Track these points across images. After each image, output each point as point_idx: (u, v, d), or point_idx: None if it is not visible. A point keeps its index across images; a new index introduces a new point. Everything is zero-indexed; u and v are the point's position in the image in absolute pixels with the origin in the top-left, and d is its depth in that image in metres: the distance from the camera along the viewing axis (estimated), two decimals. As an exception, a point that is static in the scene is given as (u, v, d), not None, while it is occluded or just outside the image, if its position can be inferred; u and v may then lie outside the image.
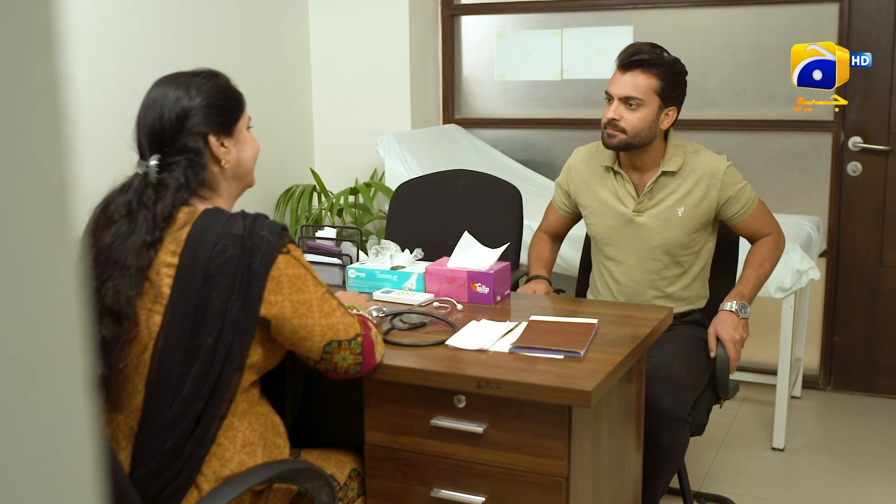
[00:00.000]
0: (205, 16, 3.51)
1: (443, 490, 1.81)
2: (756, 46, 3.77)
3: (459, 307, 2.19)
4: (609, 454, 1.95)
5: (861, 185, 3.70)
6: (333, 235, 2.61)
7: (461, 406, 1.77)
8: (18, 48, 0.41)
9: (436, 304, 2.22)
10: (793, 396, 3.65)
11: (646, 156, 2.47)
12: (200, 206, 1.66)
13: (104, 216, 1.65)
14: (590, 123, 3.97)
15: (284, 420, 1.77)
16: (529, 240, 3.24)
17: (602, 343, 1.90)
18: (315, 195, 3.96)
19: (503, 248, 2.30)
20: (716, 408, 2.53)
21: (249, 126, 1.78)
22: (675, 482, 2.62)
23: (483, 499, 1.77)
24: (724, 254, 2.66)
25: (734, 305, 2.40)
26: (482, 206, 2.90)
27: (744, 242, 2.62)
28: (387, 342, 1.88)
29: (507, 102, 4.28)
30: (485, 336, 1.92)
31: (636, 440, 2.14)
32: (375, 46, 4.08)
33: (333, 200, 3.80)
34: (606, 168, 2.53)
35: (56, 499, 0.45)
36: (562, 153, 3.96)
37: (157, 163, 1.65)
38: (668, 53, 2.44)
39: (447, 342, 1.90)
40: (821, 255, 3.68)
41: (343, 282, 2.41)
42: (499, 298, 2.24)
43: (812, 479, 3.06)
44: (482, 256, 2.27)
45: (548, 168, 4.16)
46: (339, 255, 2.44)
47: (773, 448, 3.28)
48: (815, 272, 3.14)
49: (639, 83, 2.39)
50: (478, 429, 1.75)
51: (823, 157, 3.74)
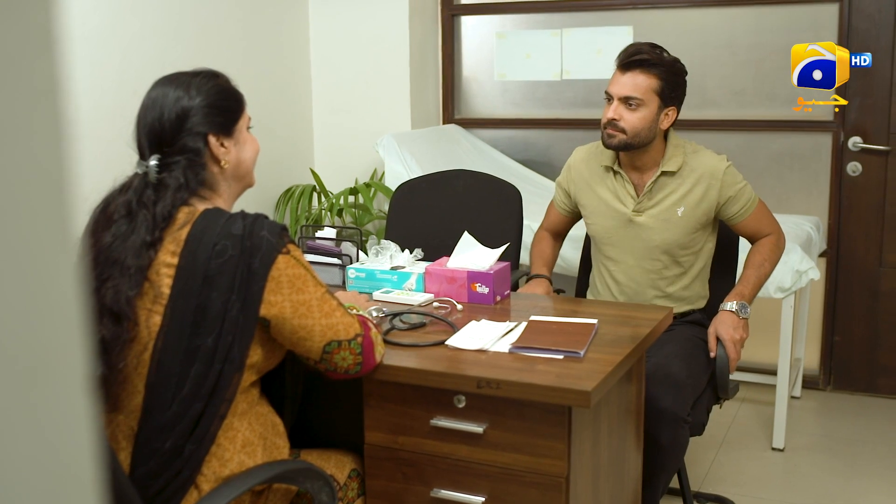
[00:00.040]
0: (205, 16, 3.51)
1: (443, 490, 1.81)
2: (756, 46, 3.77)
3: (459, 307, 2.19)
4: (609, 454, 1.95)
5: (861, 186, 3.70)
6: (333, 235, 2.61)
7: (461, 406, 1.77)
8: (18, 48, 0.41)
9: (436, 305, 2.22)
10: (793, 396, 3.65)
11: (645, 156, 2.47)
12: (200, 207, 1.66)
13: (104, 216, 1.65)
14: (590, 123, 3.97)
15: (284, 420, 1.77)
16: (529, 240, 3.24)
17: (602, 343, 1.90)
18: (315, 195, 3.96)
19: (503, 249, 2.30)
20: (715, 408, 2.53)
21: (249, 126, 1.78)
22: (675, 482, 2.62)
23: (483, 499, 1.77)
24: (724, 254, 2.66)
25: (734, 305, 2.40)
26: (482, 207, 2.90)
27: (744, 242, 2.62)
28: (387, 342, 1.88)
29: (507, 102, 4.28)
30: (485, 336, 1.92)
31: (636, 440, 2.14)
32: (375, 46, 4.08)
33: (333, 200, 3.80)
34: (606, 168, 2.53)
35: (56, 499, 0.45)
36: (562, 153, 3.96)
37: (157, 163, 1.65)
38: (668, 53, 2.44)
39: (447, 342, 1.90)
40: (821, 256, 3.68)
41: (343, 282, 2.41)
42: (499, 298, 2.24)
43: (812, 480, 3.06)
44: (482, 256, 2.27)
45: (548, 168, 4.15)
46: (339, 256, 2.44)
47: (773, 448, 3.28)
48: (815, 272, 3.14)
49: (639, 83, 2.39)
50: (477, 429, 1.75)
51: (823, 158, 3.74)
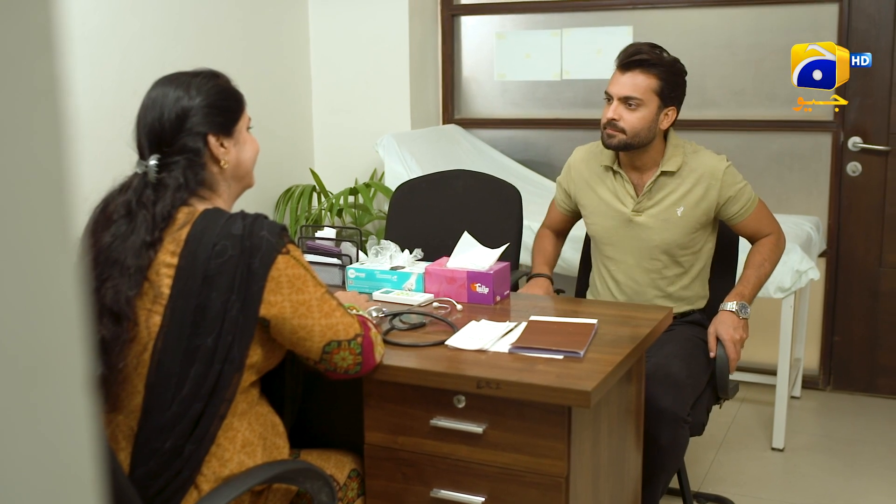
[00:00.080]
0: (204, 16, 3.51)
1: (442, 490, 1.81)
2: (756, 47, 3.77)
3: (459, 307, 2.19)
4: (609, 454, 1.95)
5: (861, 186, 3.70)
6: (333, 236, 2.61)
7: (461, 406, 1.77)
8: (18, 48, 0.41)
9: (435, 305, 2.22)
10: (792, 396, 3.65)
11: (645, 156, 2.47)
12: (200, 207, 1.66)
13: (104, 216, 1.65)
14: (589, 124, 3.97)
15: (284, 420, 1.77)
16: (529, 240, 3.24)
17: (602, 343, 1.90)
18: (315, 195, 3.96)
19: (503, 249, 2.30)
20: (715, 408, 2.53)
21: (249, 127, 1.78)
22: (675, 482, 2.62)
23: (483, 499, 1.77)
24: (724, 254, 2.66)
25: (734, 306, 2.40)
26: (482, 207, 2.90)
27: (744, 242, 2.62)
28: (386, 342, 1.88)
29: (507, 103, 4.28)
30: (484, 336, 1.92)
31: (636, 440, 2.14)
32: (375, 46, 4.08)
33: (333, 201, 3.80)
34: (606, 168, 2.53)
35: (56, 499, 0.45)
36: (561, 153, 3.96)
37: (157, 162, 1.65)
38: (668, 53, 2.44)
39: (447, 342, 1.90)
40: (820, 256, 3.68)
41: (343, 282, 2.41)
42: (498, 299, 2.24)
43: (812, 480, 3.06)
44: (482, 257, 2.27)
45: (547, 168, 4.16)
46: (339, 256, 2.44)
47: (773, 448, 3.28)
48: (815, 272, 3.14)
49: (638, 83, 2.39)
50: (477, 429, 1.75)
51: (823, 158, 3.74)
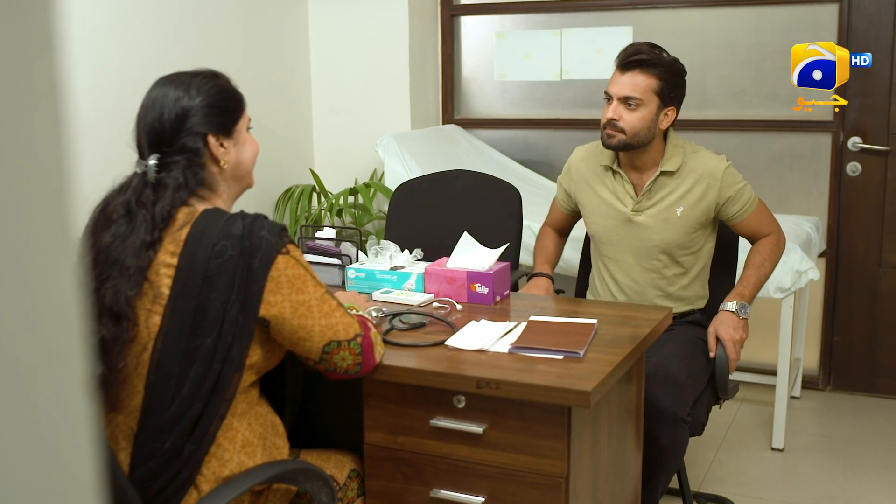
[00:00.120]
0: (204, 16, 3.51)
1: (442, 490, 1.81)
2: (756, 46, 3.77)
3: (459, 307, 2.19)
4: (608, 454, 1.95)
5: (860, 186, 3.70)
6: (333, 236, 2.61)
7: (461, 406, 1.77)
8: (18, 48, 0.41)
9: (435, 305, 2.22)
10: (792, 397, 3.65)
11: (645, 156, 2.47)
12: (200, 207, 1.66)
13: (103, 216, 1.65)
14: (589, 124, 3.97)
15: (284, 420, 1.77)
16: (529, 240, 3.24)
17: (601, 343, 1.90)
18: (314, 195, 3.96)
19: (503, 249, 2.30)
20: (715, 408, 2.53)
21: (249, 127, 1.78)
22: (675, 482, 2.62)
23: (482, 499, 1.77)
24: (724, 254, 2.66)
25: (734, 306, 2.40)
26: (482, 207, 2.90)
27: (744, 242, 2.62)
28: (386, 342, 1.88)
29: (507, 103, 4.28)
30: (484, 336, 1.92)
31: (636, 440, 2.14)
32: (375, 47, 4.08)
33: (333, 201, 3.80)
34: (606, 167, 2.53)
35: (56, 499, 0.45)
36: (561, 153, 3.96)
37: (156, 162, 1.65)
38: (668, 53, 2.44)
39: (447, 342, 1.90)
40: (820, 256, 3.68)
41: (342, 282, 2.41)
42: (498, 299, 2.24)
43: (811, 480, 3.06)
44: (482, 257, 2.27)
45: (547, 168, 4.16)
46: (339, 256, 2.44)
47: (773, 448, 3.28)
48: (815, 272, 3.14)
49: (638, 83, 2.39)
50: (477, 429, 1.75)
51: (823, 158, 3.74)
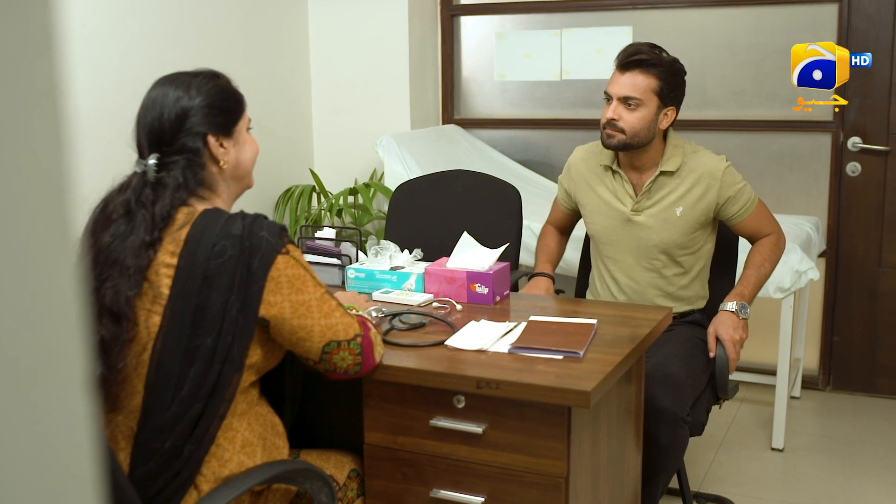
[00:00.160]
0: (204, 17, 3.51)
1: (442, 490, 1.81)
2: (756, 46, 3.77)
3: (459, 307, 2.19)
4: (608, 454, 1.95)
5: (860, 186, 3.70)
6: (333, 236, 2.61)
7: (460, 406, 1.77)
8: (18, 48, 0.41)
9: (435, 305, 2.22)
10: (792, 397, 3.65)
11: (644, 155, 2.47)
12: (199, 207, 1.66)
13: (103, 216, 1.65)
14: (589, 124, 3.97)
15: (284, 420, 1.77)
16: (529, 240, 3.25)
17: (601, 343, 1.90)
18: (314, 195, 3.96)
19: (502, 249, 2.30)
20: (715, 408, 2.53)
21: (249, 127, 1.78)
22: (675, 482, 2.62)
23: (482, 499, 1.77)
24: (724, 254, 2.66)
25: (734, 306, 2.40)
26: (481, 207, 2.90)
27: (744, 242, 2.62)
28: (386, 342, 1.88)
29: (507, 103, 4.28)
30: (484, 336, 1.92)
31: (635, 440, 2.14)
32: (375, 47, 4.08)
33: (333, 201, 3.80)
34: (605, 167, 2.53)
35: (56, 499, 0.45)
36: (561, 153, 3.97)
37: (156, 162, 1.65)
38: (667, 53, 2.44)
39: (446, 342, 1.90)
40: (820, 256, 3.68)
41: (342, 282, 2.41)
42: (498, 299, 2.24)
43: (811, 480, 3.06)
44: (481, 257, 2.28)
45: (547, 168, 4.16)
46: (339, 256, 2.44)
47: (773, 448, 3.28)
48: (815, 272, 3.14)
49: (637, 83, 2.39)
50: (477, 429, 1.75)
51: (823, 158, 3.74)
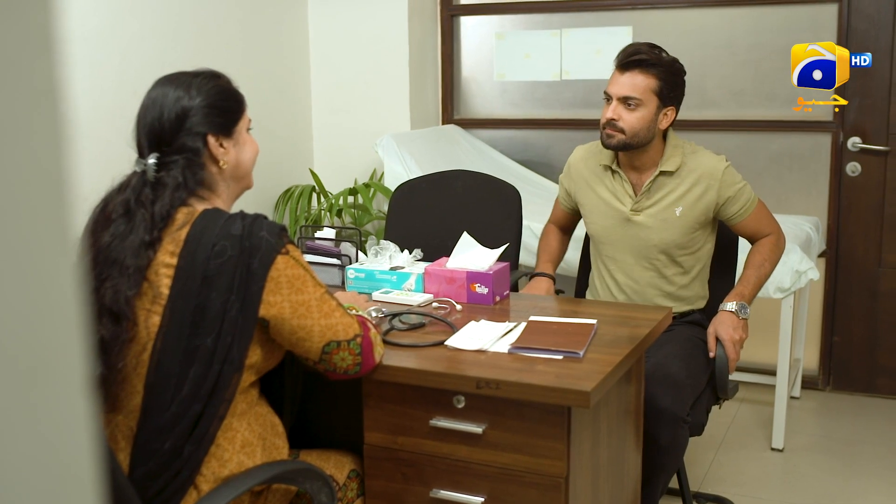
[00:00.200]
0: (204, 17, 3.51)
1: (442, 490, 1.81)
2: (756, 47, 3.77)
3: (458, 307, 2.19)
4: (608, 454, 1.95)
5: (860, 186, 3.70)
6: (332, 236, 2.61)
7: (460, 406, 1.77)
8: (18, 49, 0.41)
9: (435, 305, 2.22)
10: (792, 397, 3.65)
11: (644, 155, 2.47)
12: (199, 207, 1.66)
13: (103, 216, 1.65)
14: (589, 124, 3.97)
15: (283, 420, 1.77)
16: (529, 240, 3.25)
17: (601, 343, 1.90)
18: (314, 196, 3.96)
19: (502, 249, 2.30)
20: (715, 408, 2.53)
21: (249, 128, 1.78)
22: (675, 482, 2.62)
23: (482, 499, 1.77)
24: (724, 254, 2.66)
25: (734, 306, 2.40)
26: (481, 207, 2.90)
27: (744, 242, 2.62)
28: (386, 343, 1.88)
29: (507, 103, 4.28)
30: (484, 336, 1.92)
31: (635, 440, 2.14)
32: (375, 47, 4.08)
33: (332, 201, 3.80)
34: (605, 167, 2.53)
35: (55, 499, 0.45)
36: (561, 154, 3.96)
37: (156, 161, 1.65)
38: (667, 53, 2.44)
39: (446, 343, 1.90)
40: (820, 256, 3.68)
41: (342, 282, 2.41)
42: (498, 299, 2.24)
43: (811, 480, 3.06)
44: (481, 257, 2.28)
45: (547, 168, 4.15)
46: (339, 256, 2.44)
47: (773, 448, 3.28)
48: (815, 272, 3.14)
49: (637, 83, 2.39)
50: (477, 429, 1.75)
51: (822, 158, 3.74)
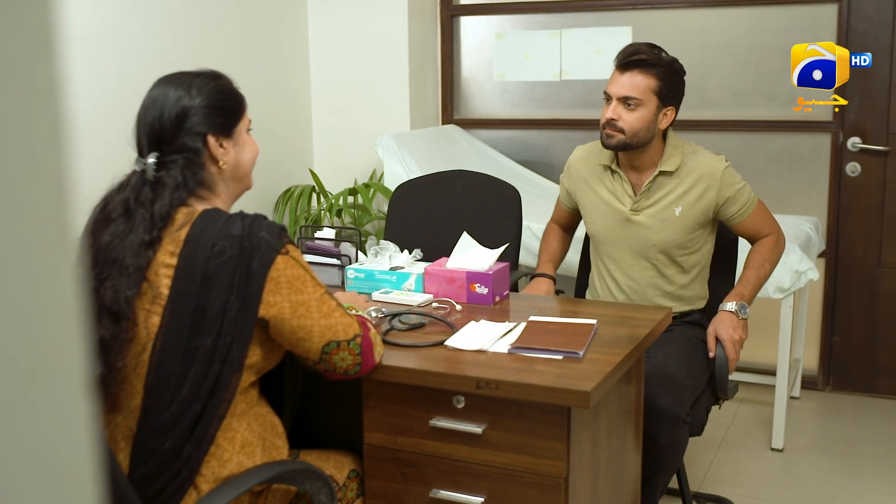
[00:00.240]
0: (204, 17, 3.51)
1: (442, 490, 1.81)
2: (755, 47, 3.77)
3: (458, 308, 2.19)
4: (608, 454, 1.95)
5: (860, 186, 3.70)
6: (332, 236, 2.61)
7: (460, 406, 1.77)
8: (18, 48, 0.41)
9: (435, 305, 2.22)
10: (792, 397, 3.65)
11: (644, 155, 2.47)
12: (199, 207, 1.66)
13: (103, 215, 1.65)
14: (589, 124, 3.97)
15: (283, 420, 1.77)
16: (528, 240, 3.25)
17: (601, 343, 1.90)
18: (314, 196, 3.96)
19: (502, 249, 2.30)
20: (715, 408, 2.53)
21: (249, 129, 1.78)
22: (675, 483, 2.62)
23: (482, 499, 1.77)
24: (724, 254, 2.66)
25: (734, 306, 2.40)
26: (481, 207, 2.90)
27: (743, 243, 2.62)
28: (386, 343, 1.88)
29: (506, 103, 4.28)
30: (484, 336, 1.92)
31: (635, 440, 2.14)
32: (374, 47, 4.08)
33: (332, 201, 3.80)
34: (605, 167, 2.54)
35: (55, 499, 0.45)
36: (561, 154, 3.97)
37: (155, 160, 1.65)
38: (667, 53, 2.44)
39: (446, 343, 1.90)
40: (820, 256, 3.68)
41: (342, 282, 2.41)
42: (498, 299, 2.24)
43: (811, 480, 3.06)
44: (481, 257, 2.27)
45: (547, 168, 4.16)
46: (338, 256, 2.44)
47: (772, 448, 3.28)
48: (814, 273, 3.14)
49: (637, 83, 2.39)
50: (477, 429, 1.75)
51: (822, 158, 3.74)
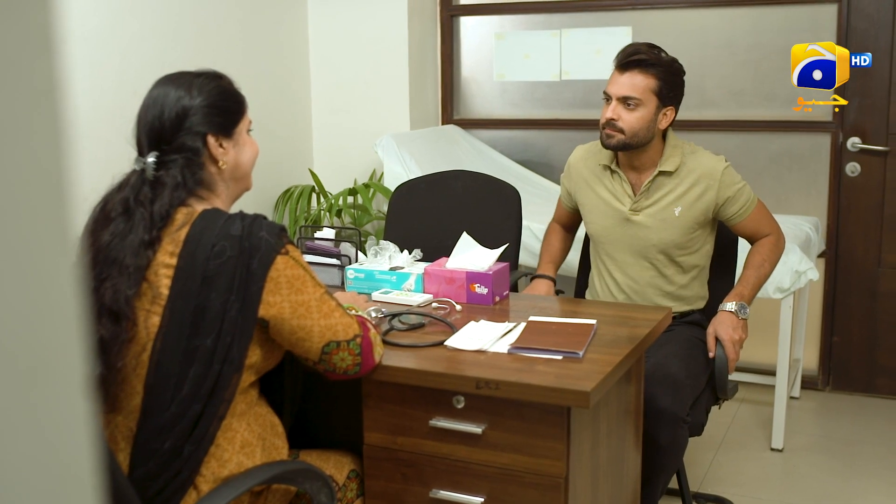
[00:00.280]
0: (204, 17, 3.51)
1: (442, 491, 1.81)
2: (755, 47, 3.77)
3: (458, 308, 2.19)
4: (608, 455, 1.95)
5: (860, 186, 3.70)
6: (332, 236, 2.61)
7: (460, 407, 1.77)
8: (18, 48, 0.41)
9: (434, 305, 2.22)
10: (791, 397, 3.65)
11: (644, 155, 2.47)
12: (198, 207, 1.66)
13: (103, 215, 1.65)
14: (589, 124, 3.97)
15: (283, 421, 1.77)
16: (528, 241, 3.25)
17: (601, 343, 1.90)
18: (314, 196, 3.96)
19: (502, 249, 2.30)
20: (714, 408, 2.53)
21: (250, 129, 1.78)
22: (674, 483, 2.62)
23: (482, 499, 1.77)
24: (724, 254, 2.66)
25: (733, 306, 2.40)
26: (481, 207, 2.90)
27: (743, 243, 2.62)
28: (386, 343, 1.88)
29: (506, 103, 4.28)
30: (483, 337, 1.92)
31: (635, 440, 2.14)
32: (374, 47, 4.08)
33: (332, 201, 3.80)
34: (604, 167, 2.54)
35: (55, 499, 0.45)
36: (561, 154, 3.97)
37: (155, 160, 1.65)
38: (666, 53, 2.44)
39: (446, 343, 1.90)
40: (819, 256, 3.68)
41: (342, 282, 2.41)
42: (497, 299, 2.24)
43: (811, 480, 3.06)
44: (481, 257, 2.28)
45: (547, 169, 4.16)
46: (338, 256, 2.44)
47: (772, 448, 3.28)
48: (814, 273, 3.14)
49: (637, 83, 2.39)
50: (476, 429, 1.75)
51: (822, 158, 3.74)
